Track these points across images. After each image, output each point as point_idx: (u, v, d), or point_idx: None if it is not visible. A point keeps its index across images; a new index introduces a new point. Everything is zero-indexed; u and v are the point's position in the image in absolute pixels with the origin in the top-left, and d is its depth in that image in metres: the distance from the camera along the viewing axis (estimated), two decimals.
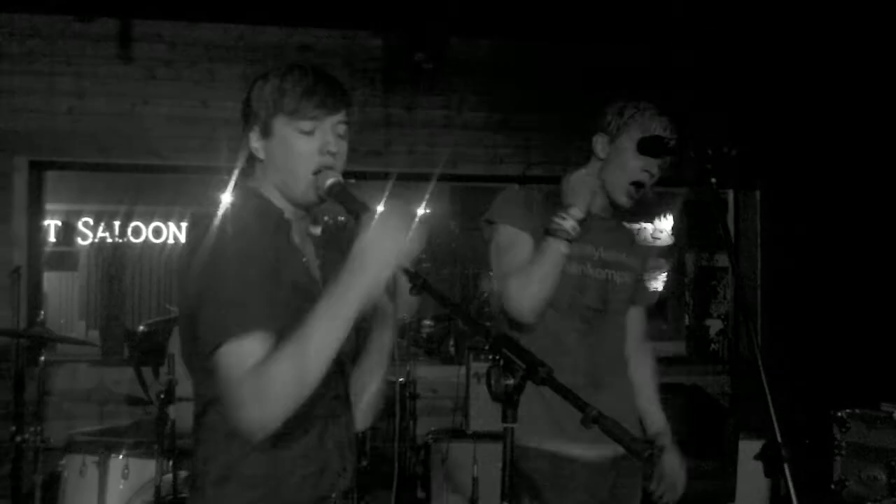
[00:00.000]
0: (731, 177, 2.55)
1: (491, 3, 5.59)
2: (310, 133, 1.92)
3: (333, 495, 1.96)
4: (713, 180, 2.34)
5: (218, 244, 1.79)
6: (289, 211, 1.99)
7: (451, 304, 1.76)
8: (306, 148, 1.92)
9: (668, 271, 11.65)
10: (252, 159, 2.00)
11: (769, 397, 2.03)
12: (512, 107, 6.35)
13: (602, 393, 2.69)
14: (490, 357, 1.57)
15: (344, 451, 2.00)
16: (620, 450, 2.48)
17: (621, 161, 2.80)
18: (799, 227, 6.30)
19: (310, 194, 1.93)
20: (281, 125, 1.93)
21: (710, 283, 10.06)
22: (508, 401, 1.51)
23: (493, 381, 1.52)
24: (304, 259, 1.99)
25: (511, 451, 1.50)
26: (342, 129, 1.97)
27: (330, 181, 1.89)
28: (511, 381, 1.50)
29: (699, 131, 2.69)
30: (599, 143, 2.86)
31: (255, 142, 1.97)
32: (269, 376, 1.66)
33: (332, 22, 6.07)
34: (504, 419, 1.52)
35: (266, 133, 1.95)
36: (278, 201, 1.98)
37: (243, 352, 1.70)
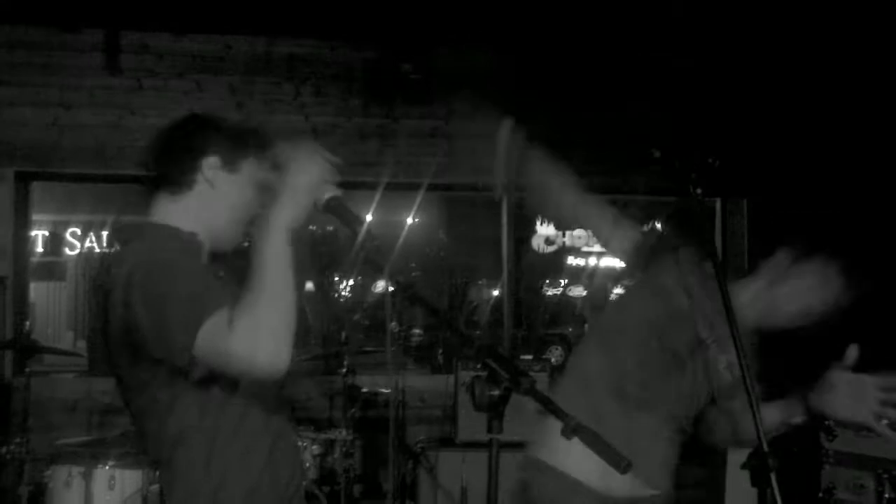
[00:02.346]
0: (717, 186, 2.57)
1: (478, 12, 5.60)
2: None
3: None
4: (698, 191, 2.36)
5: (158, 260, 1.91)
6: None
7: (438, 314, 1.76)
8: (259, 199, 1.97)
9: None
10: (192, 182, 2.00)
11: (754, 407, 2.04)
12: (499, 116, 6.34)
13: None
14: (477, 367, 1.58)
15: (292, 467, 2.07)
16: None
17: None
18: (786, 235, 6.28)
19: (235, 241, 2.00)
20: (254, 170, 1.97)
21: None
22: (493, 411, 1.51)
23: (476, 392, 1.52)
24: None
25: (497, 461, 1.50)
26: None
27: (328, 195, 1.84)
28: (496, 392, 1.50)
29: (686, 140, 2.70)
30: None
31: (213, 168, 1.98)
32: (246, 319, 1.69)
33: (318, 33, 6.07)
34: (489, 430, 1.52)
35: (232, 168, 1.97)
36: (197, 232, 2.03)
37: (219, 323, 1.71)
